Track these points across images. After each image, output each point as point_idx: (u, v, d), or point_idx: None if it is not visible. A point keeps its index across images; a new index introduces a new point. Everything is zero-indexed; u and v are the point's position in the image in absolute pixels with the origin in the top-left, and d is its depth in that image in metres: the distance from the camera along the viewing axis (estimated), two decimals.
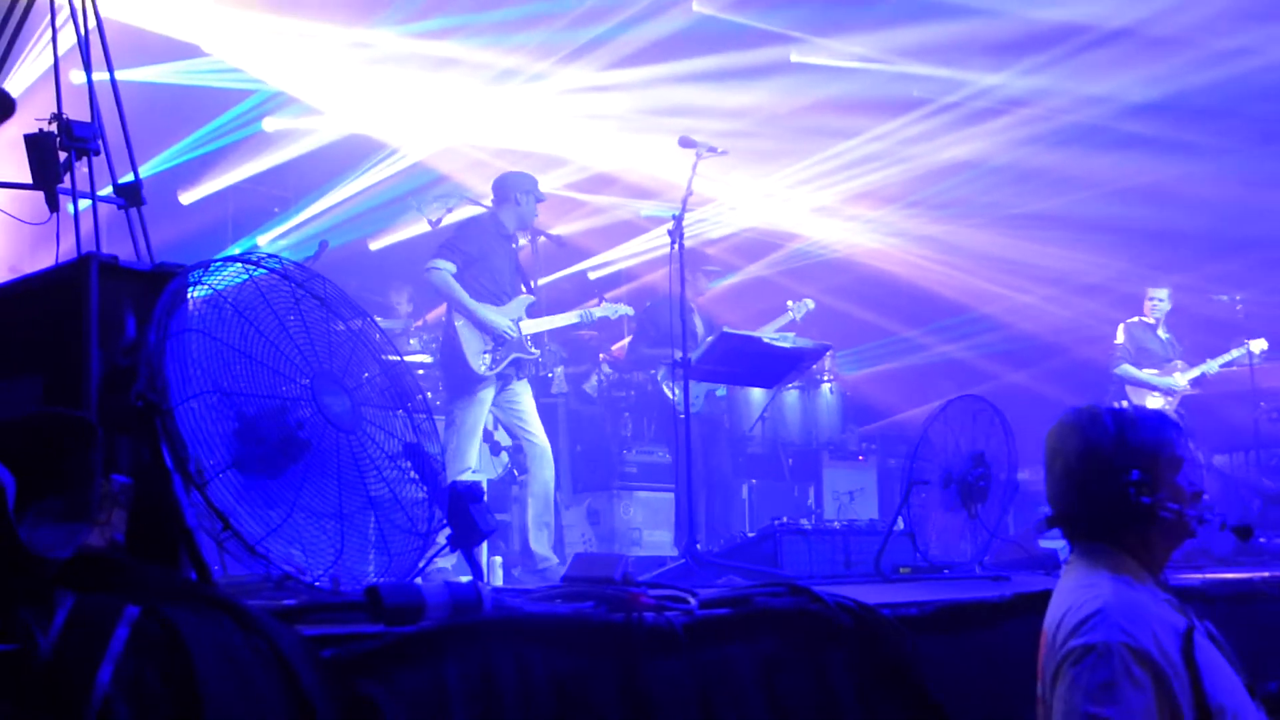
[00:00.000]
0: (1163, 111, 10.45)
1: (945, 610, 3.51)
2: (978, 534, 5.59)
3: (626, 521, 8.47)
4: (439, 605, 2.47)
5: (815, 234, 12.62)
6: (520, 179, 7.55)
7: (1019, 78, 10.39)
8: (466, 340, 7.08)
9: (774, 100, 10.57)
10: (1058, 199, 11.64)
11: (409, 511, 3.00)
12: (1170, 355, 9.86)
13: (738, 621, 2.97)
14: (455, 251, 7.18)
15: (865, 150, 11.23)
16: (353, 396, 2.96)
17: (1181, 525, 2.78)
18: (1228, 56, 9.66)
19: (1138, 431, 2.80)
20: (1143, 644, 2.53)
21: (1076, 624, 2.62)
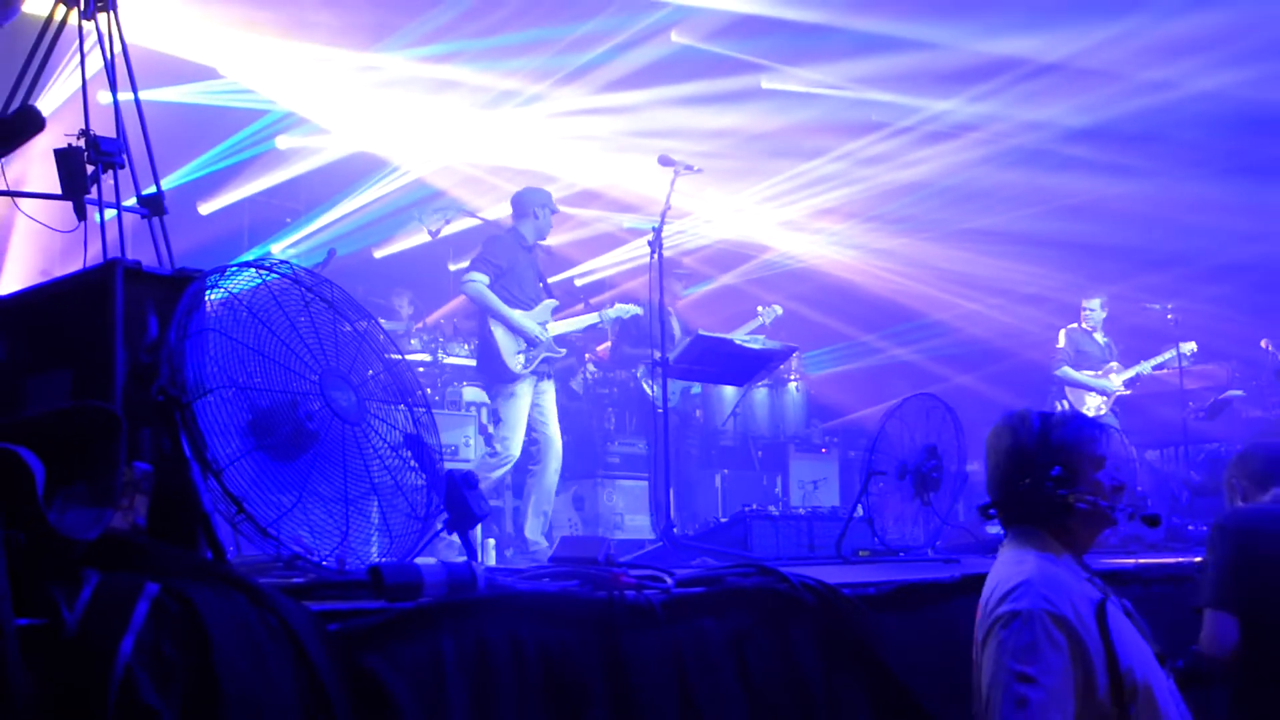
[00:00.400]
0: (1098, 137, 10.53)
1: (900, 590, 3.51)
2: (930, 520, 5.61)
3: (609, 507, 8.46)
4: (436, 583, 2.46)
5: (782, 246, 12.67)
6: (537, 194, 7.60)
7: (967, 104, 10.46)
8: (503, 343, 7.18)
9: (746, 123, 10.59)
10: (1003, 215, 11.72)
11: (409, 497, 2.99)
12: (1107, 358, 9.91)
13: (710, 599, 2.96)
14: (487, 265, 7.28)
15: (828, 170, 11.30)
16: (358, 392, 2.95)
17: (1098, 515, 2.89)
18: (1153, 88, 9.75)
19: (1060, 432, 2.92)
20: (1061, 611, 2.65)
21: (1005, 593, 2.74)
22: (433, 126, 10.38)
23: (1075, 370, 9.80)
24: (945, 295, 12.70)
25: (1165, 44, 9.41)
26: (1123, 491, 2.94)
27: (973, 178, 11.31)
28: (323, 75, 9.76)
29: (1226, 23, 9.02)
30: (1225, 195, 10.55)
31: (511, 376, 7.18)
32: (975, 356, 12.44)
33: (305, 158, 10.63)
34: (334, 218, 11.14)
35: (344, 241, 10.62)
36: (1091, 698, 2.64)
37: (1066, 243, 11.57)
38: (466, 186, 10.77)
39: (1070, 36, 9.59)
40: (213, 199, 10.61)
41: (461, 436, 7.70)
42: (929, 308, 12.81)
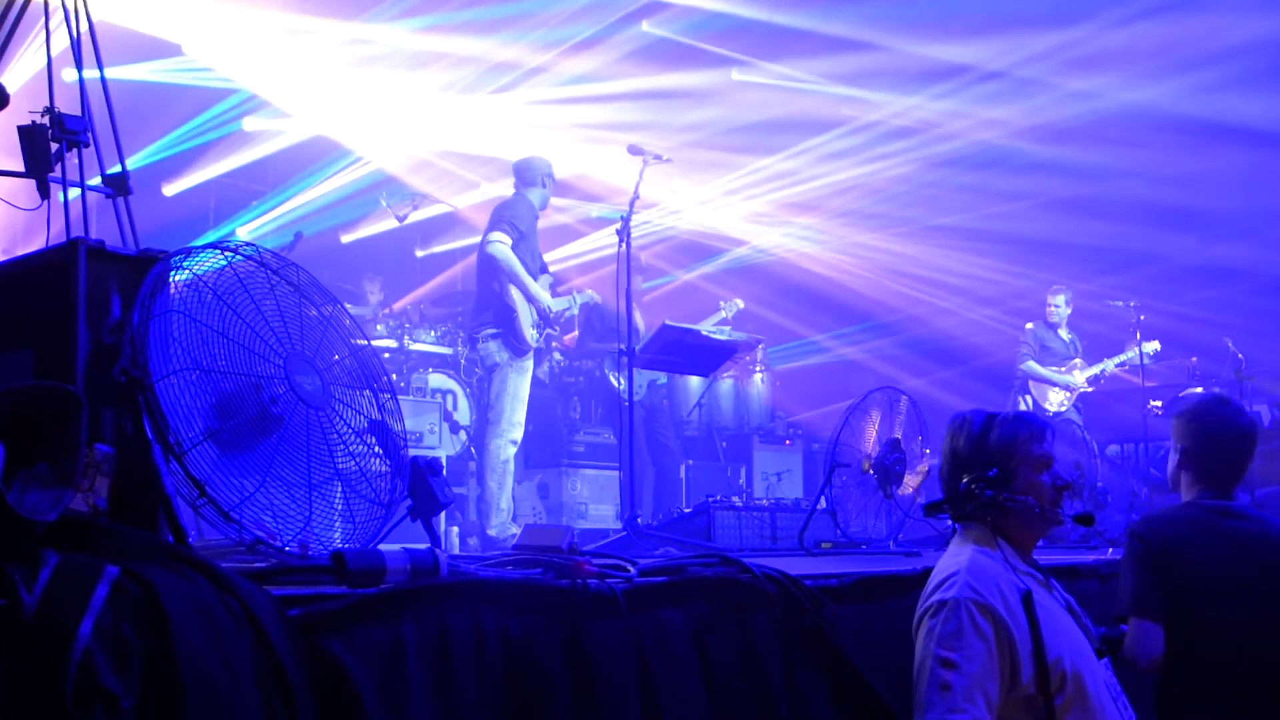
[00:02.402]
0: (1065, 136, 10.62)
1: (862, 582, 3.54)
2: (893, 513, 5.64)
3: (574, 496, 8.46)
4: (399, 569, 2.46)
5: (749, 238, 12.67)
6: (543, 163, 7.43)
7: (931, 101, 10.52)
8: (522, 312, 6.98)
9: (716, 116, 10.60)
10: (970, 214, 11.80)
11: (373, 483, 2.98)
12: (1071, 355, 10.00)
13: (673, 589, 2.98)
14: (512, 227, 7.03)
15: (794, 164, 11.33)
16: (323, 376, 2.94)
17: (1032, 515, 2.95)
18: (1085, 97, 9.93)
19: (998, 434, 3.01)
20: (988, 600, 2.74)
21: (937, 584, 2.86)
22: (400, 112, 10.30)
23: (1039, 365, 9.89)
24: (913, 293, 12.78)
25: (1099, 54, 9.60)
26: (1067, 490, 3.00)
27: (939, 176, 11.39)
28: (288, 55, 9.65)
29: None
30: (1184, 200, 10.69)
31: (526, 348, 7.04)
32: (943, 355, 12.51)
33: (272, 139, 10.53)
34: (301, 201, 11.05)
35: (311, 225, 10.54)
36: (1016, 684, 2.73)
37: (1033, 241, 11.68)
38: (431, 174, 10.71)
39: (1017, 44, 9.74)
40: (178, 180, 10.50)
41: (427, 423, 7.68)
42: (898, 305, 12.88)
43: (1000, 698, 2.71)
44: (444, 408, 8.07)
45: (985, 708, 2.67)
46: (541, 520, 8.31)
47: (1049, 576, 3.05)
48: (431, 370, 8.60)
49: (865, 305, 12.82)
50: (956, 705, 2.65)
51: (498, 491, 6.93)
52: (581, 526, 8.11)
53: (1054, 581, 3.07)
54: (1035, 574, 2.98)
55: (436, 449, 7.64)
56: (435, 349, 8.97)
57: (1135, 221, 11.19)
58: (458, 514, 7.90)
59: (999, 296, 12.25)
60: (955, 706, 2.64)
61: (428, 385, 8.37)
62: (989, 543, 2.95)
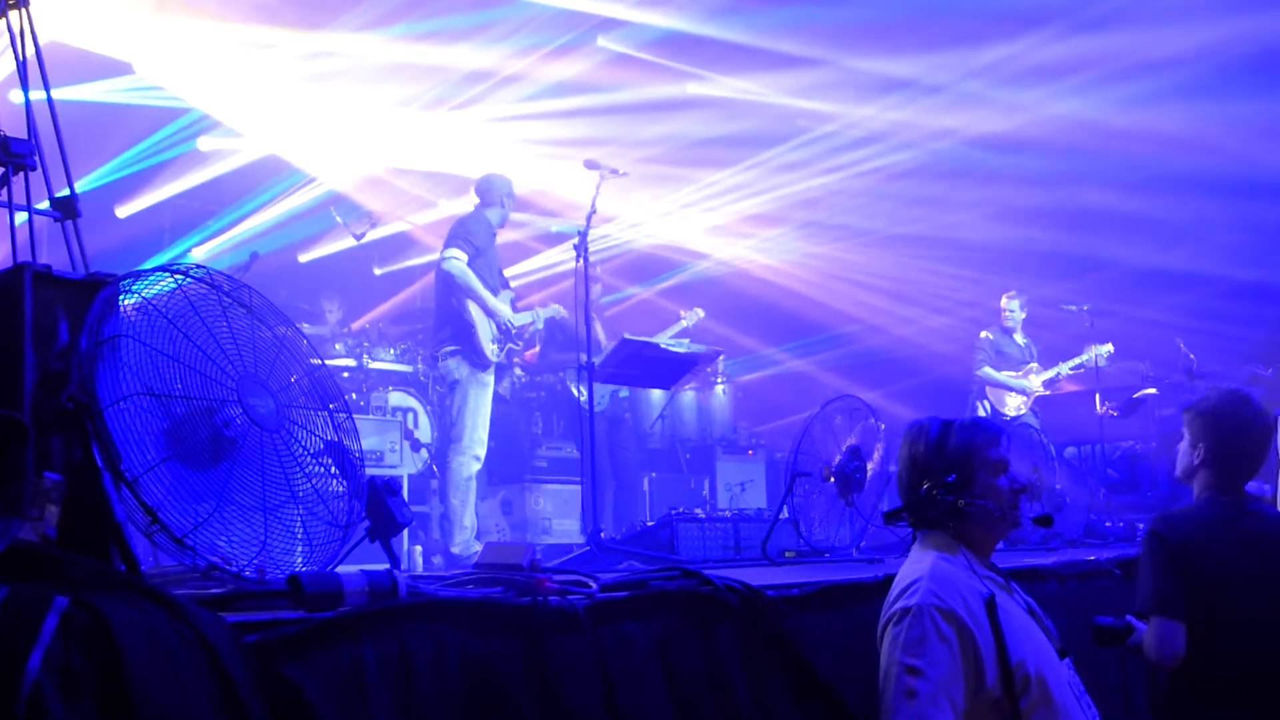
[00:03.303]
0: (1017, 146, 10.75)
1: (824, 590, 3.54)
2: (855, 521, 5.65)
3: (537, 512, 8.43)
4: (357, 591, 2.44)
5: (707, 251, 12.70)
6: (504, 182, 7.44)
7: (883, 112, 10.61)
8: (481, 328, 6.97)
9: (672, 130, 10.63)
10: (925, 224, 11.89)
11: (330, 505, 2.95)
12: (1027, 359, 10.07)
13: (635, 603, 2.97)
14: (467, 243, 7.05)
15: (751, 176, 11.36)
16: (277, 398, 2.90)
17: (991, 518, 2.97)
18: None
19: (955, 440, 3.03)
20: (950, 605, 2.75)
21: (900, 591, 2.87)
22: (356, 129, 10.24)
23: (996, 370, 9.95)
24: (871, 303, 12.85)
25: (1035, 67, 9.77)
26: (1024, 494, 3.02)
27: (894, 187, 11.49)
28: (242, 71, 9.57)
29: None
30: (1133, 207, 10.84)
31: (487, 364, 7.02)
32: (902, 365, 12.56)
33: (227, 158, 10.44)
34: (257, 220, 10.95)
35: (267, 244, 10.44)
36: (981, 688, 2.74)
37: (988, 249, 11.80)
38: (388, 192, 10.66)
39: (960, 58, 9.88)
40: (131, 201, 10.37)
41: (387, 442, 7.62)
42: (858, 315, 12.95)
43: (966, 703, 2.72)
44: (405, 426, 8.02)
45: (951, 713, 2.68)
46: (506, 537, 8.27)
47: (1009, 580, 3.06)
48: (392, 388, 8.54)
49: (824, 316, 12.89)
50: (923, 712, 2.65)
51: (461, 509, 6.89)
52: (545, 542, 8.07)
53: (1014, 585, 3.08)
54: (996, 578, 2.99)
55: (398, 468, 7.58)
56: (395, 367, 8.92)
57: (1086, 229, 11.34)
58: (420, 532, 7.85)
59: (955, 305, 12.35)
60: (922, 713, 2.65)
61: (388, 403, 8.31)
62: (950, 548, 2.96)
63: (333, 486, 3.00)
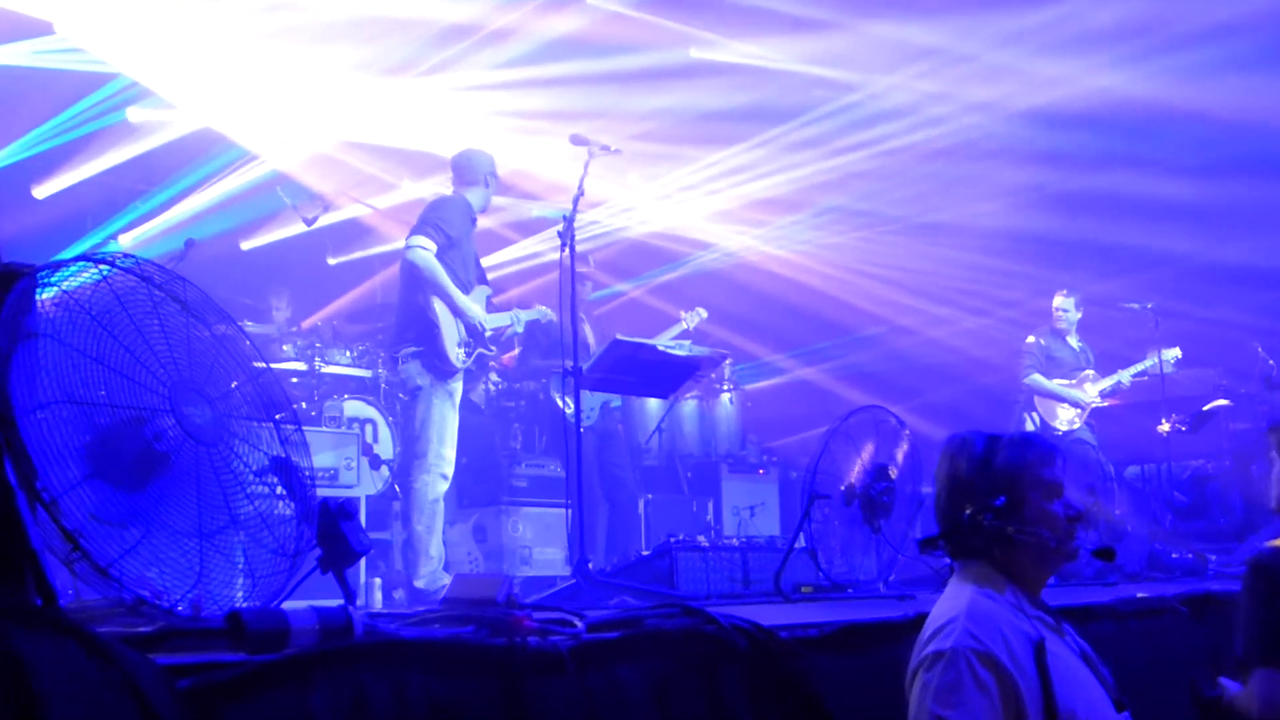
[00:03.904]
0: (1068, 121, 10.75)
1: (846, 631, 3.56)
2: (882, 550, 5.67)
3: (515, 539, 8.43)
4: (305, 630, 2.44)
5: (711, 240, 12.70)
6: (486, 159, 7.41)
7: (914, 80, 10.60)
8: (447, 329, 6.94)
9: (672, 102, 10.63)
10: (962, 210, 11.88)
11: (275, 530, 2.96)
12: (1082, 365, 10.05)
13: (627, 644, 2.97)
14: (438, 230, 6.98)
15: (762, 155, 11.35)
16: (216, 407, 2.91)
17: (1044, 549, 2.95)
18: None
19: (1004, 457, 3.00)
20: (990, 649, 2.73)
21: (933, 632, 2.84)
22: (306, 98, 10.21)
23: (1046, 378, 9.94)
24: (900, 300, 12.85)
25: (1080, 34, 9.79)
26: (1080, 521, 3.00)
27: (927, 168, 11.49)
28: (176, 30, 9.53)
29: None
30: (1206, 193, 10.83)
31: (452, 370, 6.99)
32: (936, 372, 12.56)
33: (159, 131, 10.43)
34: (193, 202, 10.95)
35: (204, 229, 10.43)
36: None
37: (1036, 239, 11.79)
38: (343, 171, 10.66)
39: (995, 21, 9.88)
40: (50, 179, 10.37)
41: (342, 458, 7.61)
42: (884, 315, 12.94)
43: None
44: (362, 439, 8.01)
45: None
46: (478, 568, 8.27)
47: (1060, 620, 3.06)
48: (347, 396, 8.54)
49: (845, 316, 12.88)
50: None
51: (426, 536, 6.88)
52: (524, 574, 8.08)
53: (1066, 625, 3.08)
54: (1046, 617, 2.99)
55: (354, 487, 7.57)
56: (351, 371, 8.92)
57: (1150, 217, 11.33)
58: (380, 563, 7.84)
59: (996, 304, 12.33)
60: None
61: (343, 414, 8.30)
62: (992, 582, 2.95)
63: (279, 509, 3.00)
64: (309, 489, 3.05)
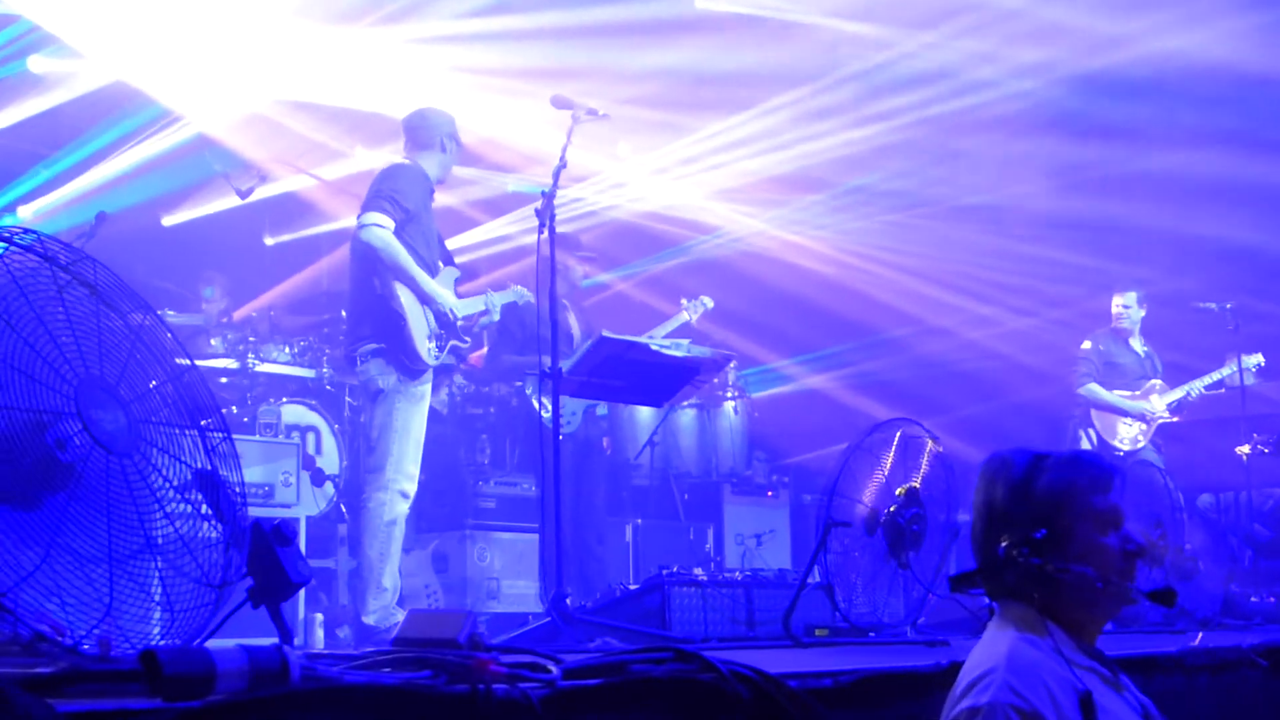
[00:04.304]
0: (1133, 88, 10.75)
1: (867, 681, 3.56)
2: (910, 587, 5.68)
3: (482, 569, 8.44)
4: (232, 674, 2.43)
5: (714, 223, 12.70)
6: (444, 119, 7.43)
7: (954, 39, 10.59)
8: (414, 320, 6.93)
9: (673, 60, 10.62)
10: (1002, 193, 11.87)
11: (199, 556, 2.95)
12: (1147, 373, 10.07)
13: (609, 693, 2.97)
14: (394, 205, 6.96)
15: (777, 124, 11.33)
16: (131, 411, 2.90)
17: (1094, 590, 2.91)
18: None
19: (1048, 480, 2.97)
20: (1035, 705, 2.70)
21: (968, 685, 2.82)
22: (236, 51, 10.16)
23: (1104, 389, 9.94)
24: (933, 296, 12.85)
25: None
26: (1141, 557, 2.98)
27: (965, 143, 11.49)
28: None
29: None
30: None
31: (421, 368, 6.98)
32: (975, 381, 12.56)
33: (67, 84, 10.40)
34: (106, 168, 10.92)
35: (119, 201, 10.40)
36: None
37: (1092, 228, 11.81)
38: (278, 136, 10.64)
39: None
40: None
41: (279, 473, 7.60)
42: (914, 313, 12.94)
43: None
44: (303, 451, 8.01)
45: None
46: (438, 602, 8.27)
47: (1118, 671, 3.05)
48: (286, 400, 8.55)
49: (870, 314, 12.86)
50: None
51: (379, 563, 6.87)
52: (493, 610, 8.09)
53: (1125, 678, 3.08)
54: (1100, 668, 2.98)
55: (293, 507, 7.56)
56: (291, 371, 8.92)
57: (1227, 202, 11.34)
58: (323, 595, 7.85)
59: (1046, 302, 12.33)
60: None
61: (280, 420, 8.31)
62: (1036, 627, 2.93)
63: (204, 531, 3.00)
64: (239, 508, 3.04)
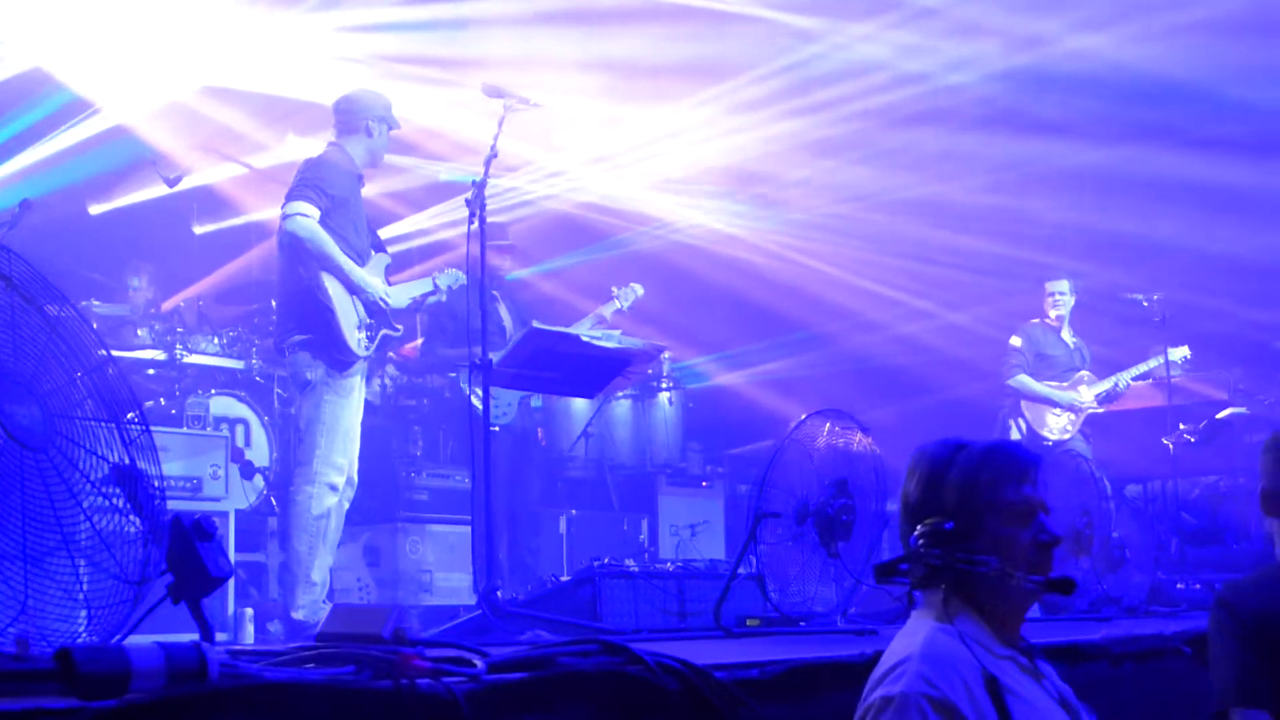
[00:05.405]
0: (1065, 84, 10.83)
1: (795, 672, 3.57)
2: (840, 578, 5.69)
3: (414, 562, 8.41)
4: (149, 672, 2.40)
5: (650, 215, 12.69)
6: (374, 100, 7.35)
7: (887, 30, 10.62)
8: (343, 310, 6.86)
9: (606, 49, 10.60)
10: (938, 187, 11.93)
11: (117, 552, 2.91)
12: (1076, 364, 10.11)
13: (535, 688, 2.97)
14: (319, 193, 6.91)
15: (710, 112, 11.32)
16: (46, 405, 2.87)
17: (999, 581, 2.91)
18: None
19: (962, 472, 2.97)
20: (946, 694, 2.71)
21: (884, 674, 2.83)
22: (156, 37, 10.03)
23: (1034, 379, 9.99)
24: (871, 289, 12.89)
25: None
26: (1054, 547, 2.97)
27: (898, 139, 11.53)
28: None
29: None
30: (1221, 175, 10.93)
31: (351, 359, 6.91)
32: (909, 376, 12.60)
33: None
34: (30, 155, 10.75)
35: (43, 187, 10.26)
36: None
37: (1027, 221, 11.89)
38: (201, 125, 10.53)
39: None
40: None
41: (206, 466, 7.54)
42: (854, 307, 12.97)
43: None
44: (232, 443, 7.95)
45: None
46: (370, 596, 8.23)
47: (1036, 660, 3.06)
48: (215, 392, 8.48)
49: (805, 308, 12.88)
50: None
51: (308, 558, 6.83)
52: (425, 603, 8.07)
53: (1045, 666, 3.09)
54: (1018, 657, 2.99)
55: (222, 500, 7.51)
56: (220, 362, 8.86)
57: (1159, 199, 11.43)
58: (253, 590, 7.79)
59: (980, 296, 12.38)
60: None
61: (209, 413, 8.25)
62: (950, 617, 2.92)
63: (122, 526, 2.96)
64: (158, 503, 3.00)
